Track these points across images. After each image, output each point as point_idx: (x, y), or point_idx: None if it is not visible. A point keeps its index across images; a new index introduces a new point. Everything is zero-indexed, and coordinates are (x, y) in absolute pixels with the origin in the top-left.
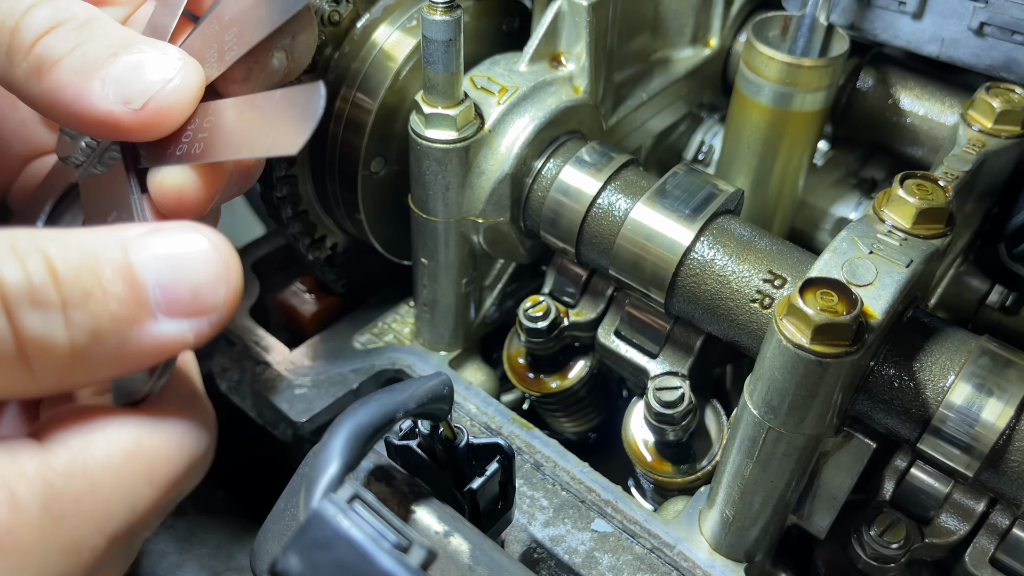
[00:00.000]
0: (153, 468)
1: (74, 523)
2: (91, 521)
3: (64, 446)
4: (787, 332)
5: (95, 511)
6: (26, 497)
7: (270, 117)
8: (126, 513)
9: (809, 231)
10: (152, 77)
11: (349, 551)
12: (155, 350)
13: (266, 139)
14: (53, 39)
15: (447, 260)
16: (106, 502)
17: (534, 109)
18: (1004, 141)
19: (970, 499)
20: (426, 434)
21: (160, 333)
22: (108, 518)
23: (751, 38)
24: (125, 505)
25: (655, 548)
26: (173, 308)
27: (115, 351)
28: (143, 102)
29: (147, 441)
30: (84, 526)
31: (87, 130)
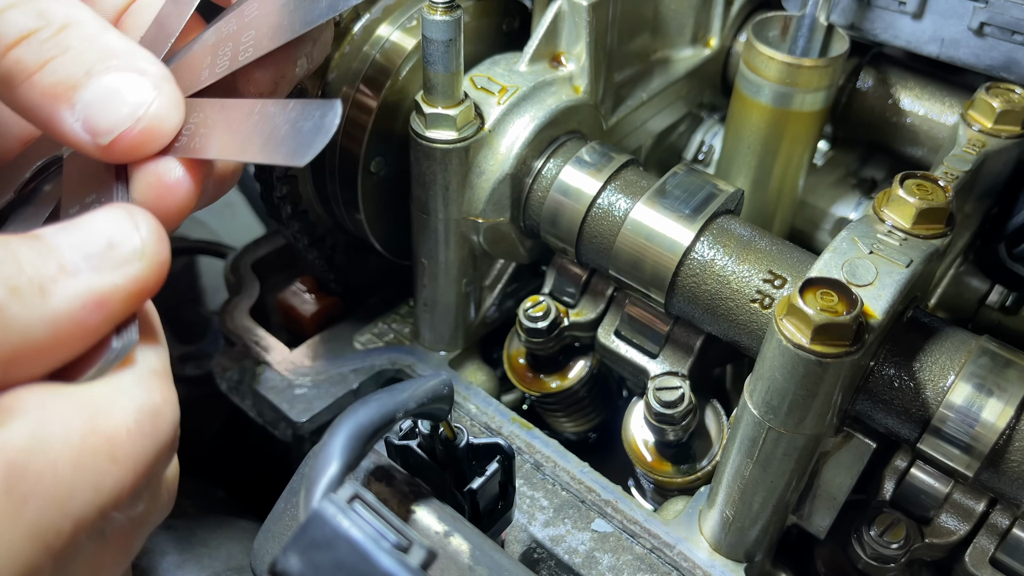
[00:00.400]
0: (115, 444)
1: (38, 504)
2: (55, 501)
3: (21, 421)
4: (787, 332)
5: (58, 490)
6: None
7: (282, 126)
8: (90, 493)
9: (809, 231)
10: (122, 111)
11: (349, 551)
12: (87, 299)
13: (273, 147)
14: (24, 52)
15: (447, 260)
16: (69, 480)
17: (534, 109)
18: (1004, 141)
19: (970, 499)
20: (426, 434)
21: (86, 285)
22: (72, 497)
23: (751, 38)
24: (89, 483)
25: (655, 548)
26: (91, 262)
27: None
28: (109, 140)
29: (105, 417)
30: (48, 507)
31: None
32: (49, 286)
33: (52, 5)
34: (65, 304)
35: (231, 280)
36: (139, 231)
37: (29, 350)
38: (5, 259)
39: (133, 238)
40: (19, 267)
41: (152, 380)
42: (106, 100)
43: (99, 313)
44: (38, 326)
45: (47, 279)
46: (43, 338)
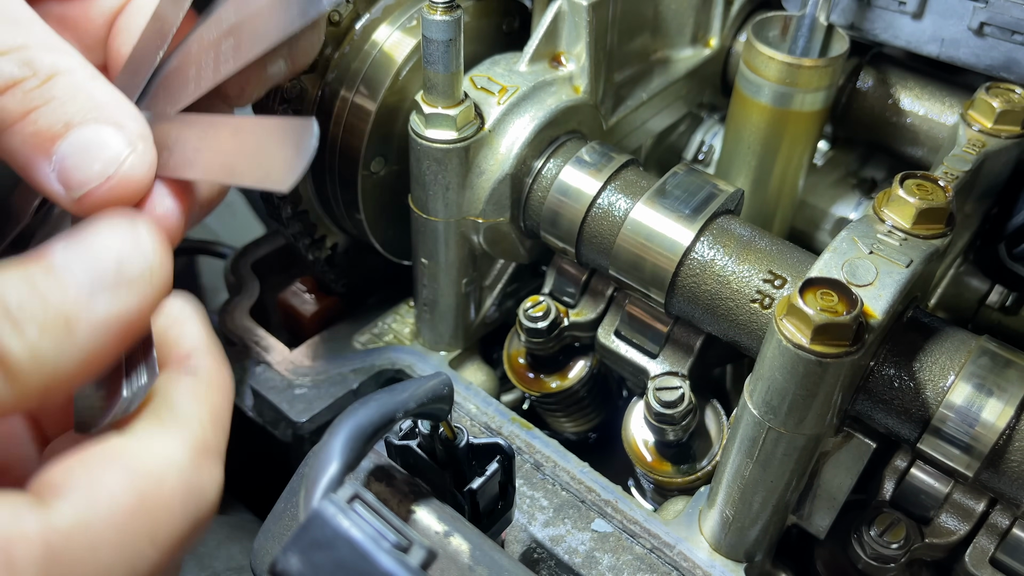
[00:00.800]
0: (157, 527)
1: None
2: None
3: (66, 502)
4: (787, 332)
5: (96, 574)
6: (24, 560)
7: (261, 148)
8: (127, 574)
9: (809, 231)
10: (93, 167)
11: (349, 551)
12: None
13: (256, 170)
14: (9, 101)
15: (447, 260)
16: (107, 563)
17: (534, 109)
18: (1004, 141)
19: (970, 499)
20: (426, 434)
21: (103, 312)
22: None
23: (751, 38)
24: (126, 567)
25: (655, 548)
26: (105, 284)
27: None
28: (80, 194)
29: (152, 497)
30: None
31: None
32: (72, 319)
33: (40, 54)
34: (89, 335)
35: (231, 280)
36: (143, 247)
37: (62, 384)
38: (28, 296)
39: (139, 256)
40: (43, 302)
41: (203, 459)
42: (81, 154)
43: (119, 339)
44: (68, 362)
45: (70, 312)
46: (74, 371)
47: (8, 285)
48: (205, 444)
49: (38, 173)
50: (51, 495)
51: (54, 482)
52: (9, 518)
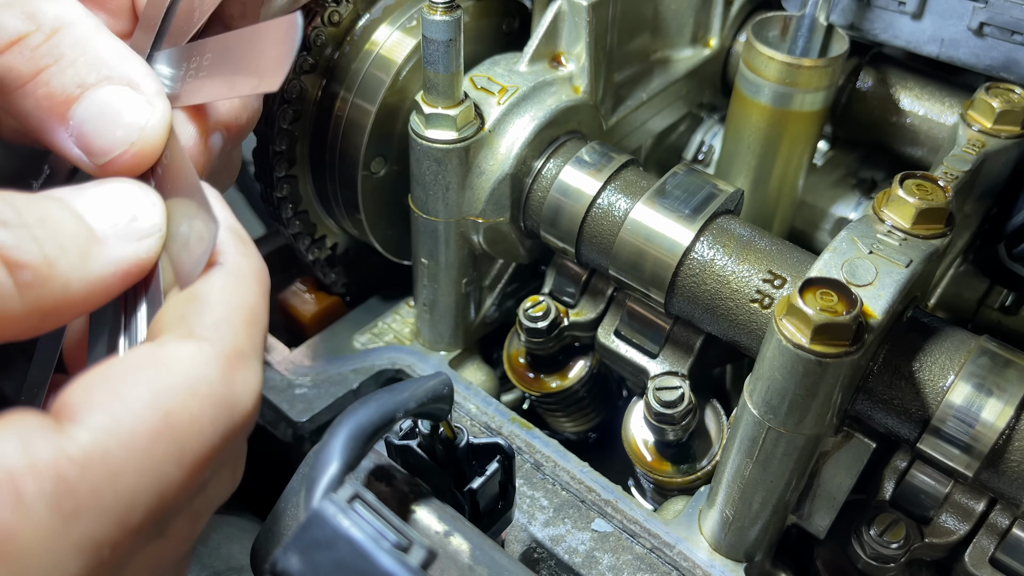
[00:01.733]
0: (183, 447)
1: (90, 519)
2: (110, 515)
3: (83, 427)
4: (787, 332)
5: (116, 503)
6: (33, 494)
7: (248, 55)
8: (151, 501)
9: (809, 231)
10: (116, 133)
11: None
12: (119, 268)
13: (247, 78)
14: (16, 58)
15: (447, 260)
16: (129, 491)
17: (534, 109)
18: (1004, 141)
19: (970, 499)
20: (426, 434)
21: (116, 254)
22: (131, 510)
23: (751, 38)
24: (151, 493)
25: (655, 548)
26: (118, 232)
27: (82, 267)
28: (104, 161)
29: (177, 416)
30: (102, 521)
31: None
32: (87, 250)
33: (43, 5)
34: (100, 269)
35: None
36: (156, 207)
37: (66, 306)
38: (47, 218)
39: (152, 214)
40: (60, 228)
41: (237, 366)
42: (101, 119)
43: (123, 281)
44: (78, 286)
45: (85, 242)
46: (80, 297)
47: (25, 205)
48: (238, 349)
49: (56, 138)
50: (68, 419)
51: (73, 403)
52: (18, 448)
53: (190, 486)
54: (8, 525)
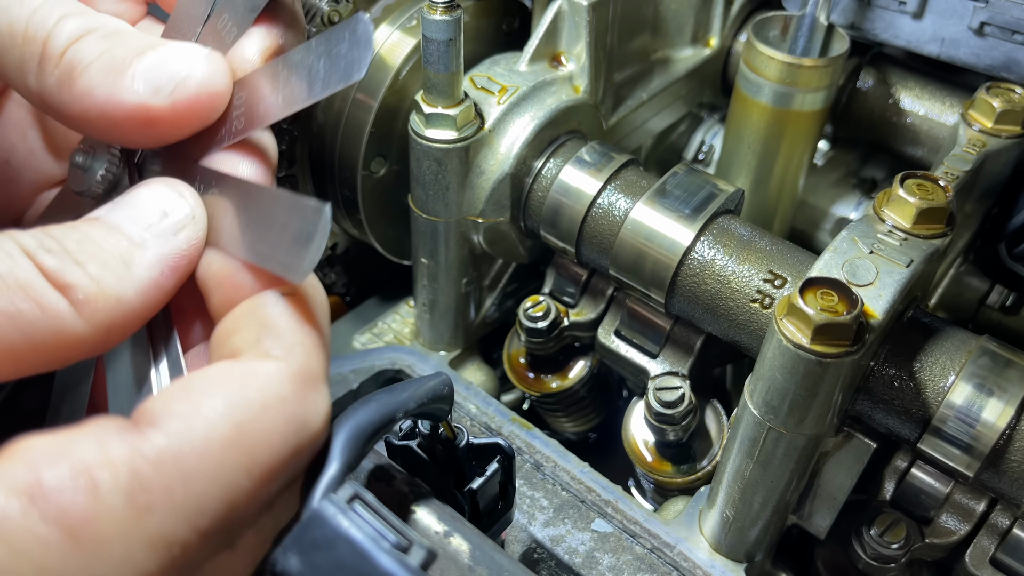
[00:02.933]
0: (254, 460)
1: (162, 516)
2: (181, 515)
3: (160, 431)
4: (787, 332)
5: (187, 504)
6: (109, 485)
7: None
8: (221, 507)
9: (809, 231)
10: (178, 66)
11: (349, 551)
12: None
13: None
14: (83, 45)
15: (447, 260)
16: (200, 495)
17: (534, 109)
18: (1004, 141)
19: (970, 499)
20: (426, 434)
21: (157, 252)
22: (201, 513)
23: (751, 38)
24: (220, 499)
25: (655, 548)
26: (152, 230)
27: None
28: (171, 88)
29: (250, 428)
30: (173, 520)
31: (121, 133)
32: (129, 258)
33: (102, 16)
34: (147, 271)
35: None
36: (185, 198)
37: (125, 316)
38: (83, 240)
39: (182, 204)
40: (98, 246)
41: (308, 387)
42: (162, 64)
43: (173, 276)
44: (131, 294)
45: (125, 251)
46: (136, 305)
47: (62, 233)
48: (310, 371)
49: (122, 92)
50: (146, 424)
51: (152, 411)
52: (96, 445)
53: (259, 498)
54: (85, 512)
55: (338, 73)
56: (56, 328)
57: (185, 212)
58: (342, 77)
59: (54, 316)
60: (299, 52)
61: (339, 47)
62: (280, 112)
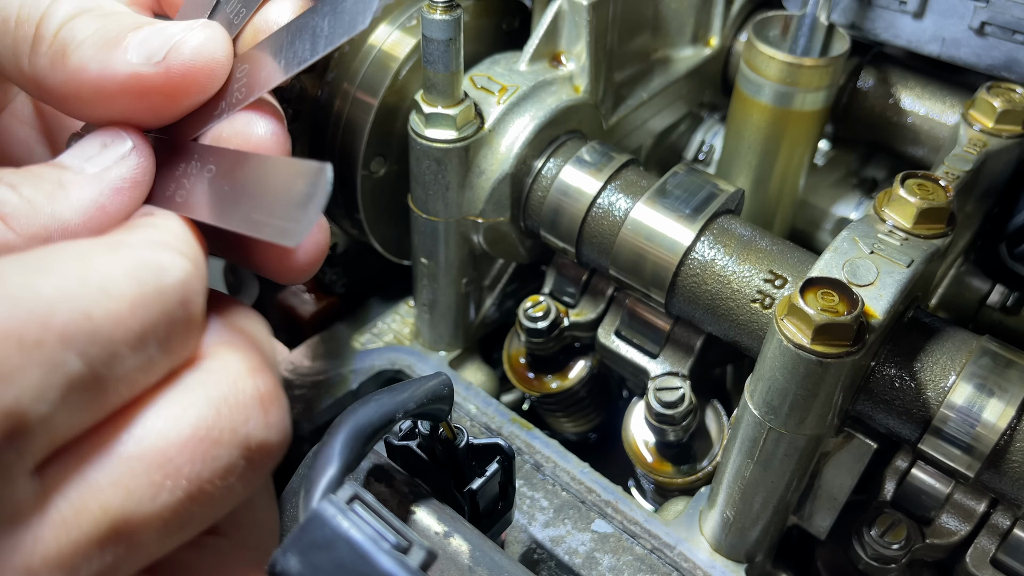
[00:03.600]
0: (108, 279)
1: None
2: (28, 311)
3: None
4: (788, 332)
5: (34, 302)
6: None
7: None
8: (73, 314)
9: (810, 231)
10: (173, 32)
11: (349, 552)
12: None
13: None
14: (77, 23)
15: (447, 260)
16: (49, 293)
17: (534, 109)
18: (1005, 141)
19: (971, 499)
20: (426, 434)
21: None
22: (50, 312)
23: (752, 37)
24: (70, 306)
25: (655, 549)
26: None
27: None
28: (165, 53)
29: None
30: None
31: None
32: (65, 182)
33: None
34: (83, 191)
35: (230, 280)
36: (128, 134)
37: (65, 232)
38: (23, 172)
39: (123, 138)
40: (35, 175)
41: (164, 246)
42: (157, 34)
43: (117, 198)
44: (67, 212)
45: (62, 177)
46: (75, 221)
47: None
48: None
49: (115, 63)
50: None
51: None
52: None
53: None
54: None
55: (342, 26)
56: None
57: (125, 144)
58: (346, 29)
59: None
60: (303, 17)
61: (344, 3)
62: (282, 74)
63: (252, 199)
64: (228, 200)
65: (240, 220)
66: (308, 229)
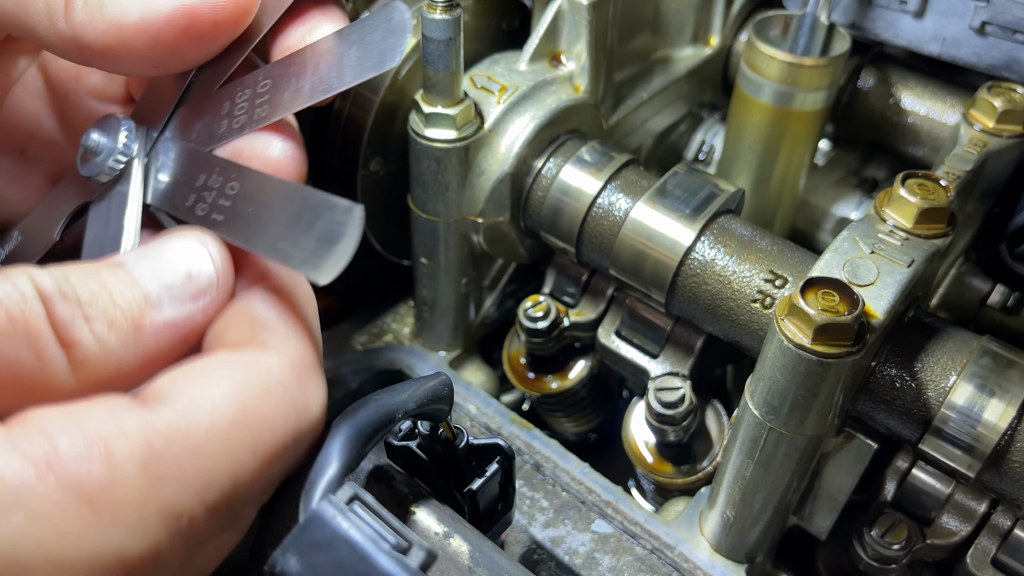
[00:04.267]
0: (258, 439)
1: (173, 487)
2: (191, 487)
3: (168, 407)
4: (788, 332)
5: (196, 477)
6: (124, 454)
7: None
8: (227, 482)
9: (810, 231)
10: None
11: (348, 552)
12: (170, 332)
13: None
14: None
15: (447, 260)
16: (208, 470)
17: (534, 108)
18: (1006, 141)
19: (972, 500)
20: (426, 435)
21: (169, 317)
22: (209, 486)
23: (752, 37)
24: (227, 474)
25: (656, 549)
26: (172, 292)
27: (133, 342)
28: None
29: (254, 409)
30: (184, 491)
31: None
32: (140, 321)
33: None
34: (154, 339)
35: None
36: (213, 261)
37: (120, 378)
38: (98, 292)
39: (208, 268)
40: (112, 300)
41: (306, 375)
42: None
43: (181, 346)
44: (131, 359)
45: (138, 312)
46: (133, 368)
47: (79, 280)
48: (306, 360)
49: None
50: (154, 400)
51: (159, 390)
52: (109, 416)
53: (261, 478)
54: (101, 479)
55: (371, 61)
56: (45, 381)
57: (209, 277)
58: (375, 65)
59: (49, 372)
60: (329, 40)
61: (373, 35)
62: (306, 99)
63: (279, 226)
64: (253, 223)
65: (266, 246)
66: (339, 268)
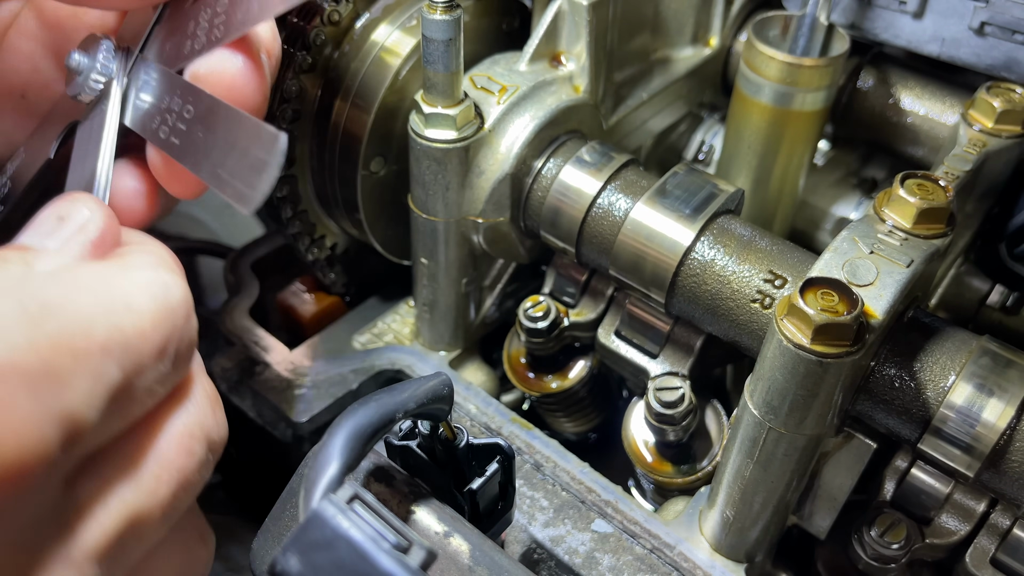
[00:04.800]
0: (130, 297)
1: (58, 322)
2: (75, 323)
3: (47, 255)
4: (788, 332)
5: (77, 315)
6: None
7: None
8: (111, 329)
9: (810, 231)
10: None
11: (349, 551)
12: None
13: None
14: None
15: (447, 260)
16: (88, 308)
17: (534, 109)
18: (1005, 141)
19: (971, 499)
20: (426, 434)
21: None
22: (91, 324)
23: (751, 38)
24: (108, 319)
25: (655, 548)
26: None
27: None
28: None
29: (122, 278)
30: (69, 325)
31: None
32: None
33: None
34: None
35: (230, 280)
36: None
37: None
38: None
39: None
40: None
41: (162, 266)
42: None
43: None
44: None
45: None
46: None
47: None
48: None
49: None
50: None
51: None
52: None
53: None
54: None
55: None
56: None
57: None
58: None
59: None
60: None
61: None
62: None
63: (220, 153)
64: (201, 149)
65: (208, 173)
66: (262, 197)
